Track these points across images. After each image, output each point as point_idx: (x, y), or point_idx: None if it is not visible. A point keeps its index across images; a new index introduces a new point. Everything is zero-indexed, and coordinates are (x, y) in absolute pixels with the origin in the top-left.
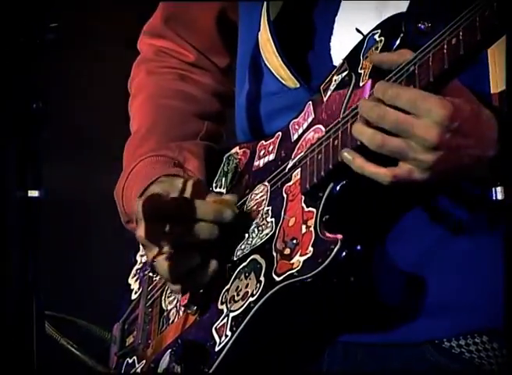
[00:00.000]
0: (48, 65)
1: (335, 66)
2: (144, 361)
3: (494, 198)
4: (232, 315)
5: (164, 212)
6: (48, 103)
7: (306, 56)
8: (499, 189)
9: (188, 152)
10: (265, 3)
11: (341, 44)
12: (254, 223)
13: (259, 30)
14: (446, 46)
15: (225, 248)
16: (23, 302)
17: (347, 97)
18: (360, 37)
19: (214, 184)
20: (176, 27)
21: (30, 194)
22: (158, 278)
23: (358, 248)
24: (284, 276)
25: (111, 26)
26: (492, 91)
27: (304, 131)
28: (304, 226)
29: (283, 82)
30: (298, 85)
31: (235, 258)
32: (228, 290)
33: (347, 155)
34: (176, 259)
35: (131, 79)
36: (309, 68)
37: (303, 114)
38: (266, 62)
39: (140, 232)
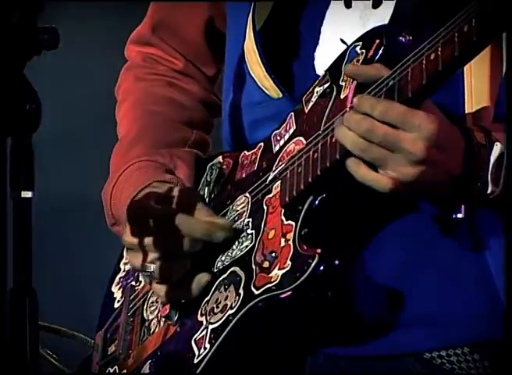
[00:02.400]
0: (41, 65)
1: (319, 77)
2: (125, 371)
3: (454, 216)
4: (211, 327)
5: (153, 221)
6: (40, 104)
7: (291, 66)
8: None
9: (179, 159)
10: (251, 13)
11: (325, 54)
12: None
13: (245, 39)
14: (424, 61)
15: (207, 258)
16: (16, 306)
17: (328, 109)
18: (345, 47)
19: None
20: (163, 35)
21: (23, 195)
22: (140, 287)
23: (336, 262)
24: (262, 289)
25: (103, 28)
26: (466, 104)
27: (286, 143)
28: (283, 240)
29: (266, 92)
30: (281, 95)
31: (215, 270)
32: (208, 301)
33: (352, 163)
34: (165, 266)
35: (118, 85)
36: (293, 78)
37: (284, 125)
38: (250, 72)
39: (127, 237)
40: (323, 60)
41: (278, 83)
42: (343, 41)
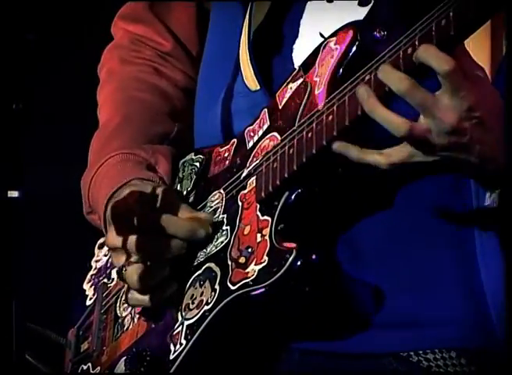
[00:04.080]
0: (29, 65)
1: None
2: (99, 368)
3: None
4: (187, 323)
5: (136, 222)
6: (28, 104)
7: (272, 58)
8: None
9: (160, 155)
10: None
11: (304, 47)
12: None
13: (244, 22)
14: (401, 55)
15: (182, 256)
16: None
17: (302, 105)
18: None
19: None
20: (159, 11)
21: (9, 195)
22: (112, 284)
23: (314, 257)
24: (239, 285)
25: (94, 28)
26: None
27: (260, 139)
28: (259, 235)
29: (246, 82)
30: (258, 87)
31: (190, 267)
32: (183, 298)
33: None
34: (146, 270)
35: (102, 64)
36: (272, 70)
37: (258, 121)
38: (240, 58)
39: (110, 238)
40: (301, 53)
41: (257, 73)
42: (322, 35)
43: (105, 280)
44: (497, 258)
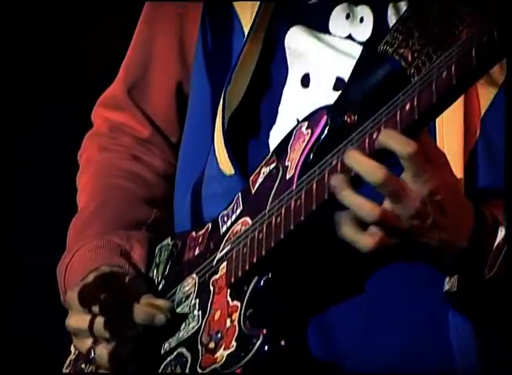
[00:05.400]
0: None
1: None
2: None
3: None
4: None
5: (98, 306)
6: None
7: (247, 143)
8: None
9: (136, 240)
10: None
11: (281, 133)
12: (182, 316)
13: (218, 103)
14: (367, 140)
15: (155, 341)
16: None
17: (274, 190)
18: None
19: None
20: (136, 97)
21: None
22: (90, 369)
23: (282, 343)
24: (208, 370)
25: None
26: None
27: (233, 223)
28: (228, 320)
29: (220, 167)
30: (233, 172)
31: (162, 351)
32: None
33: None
34: (115, 350)
35: (81, 151)
36: (248, 155)
37: (232, 205)
38: (215, 142)
39: (71, 321)
40: (278, 139)
41: (232, 158)
42: (298, 121)
43: (83, 366)
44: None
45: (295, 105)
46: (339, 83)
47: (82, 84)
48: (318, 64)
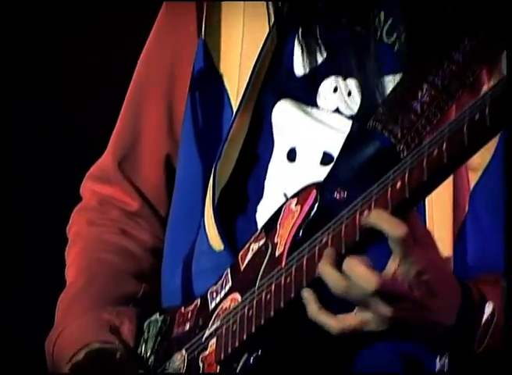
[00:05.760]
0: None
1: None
2: None
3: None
4: None
5: None
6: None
7: (236, 218)
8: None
9: (125, 316)
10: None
11: (268, 208)
12: None
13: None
14: (358, 217)
15: None
16: None
17: (263, 266)
18: None
19: None
20: (126, 170)
21: None
22: None
23: None
24: None
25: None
26: None
27: (222, 300)
28: None
29: (210, 242)
30: (222, 248)
31: None
32: None
33: (307, 295)
34: None
35: (70, 225)
36: (236, 231)
37: (221, 281)
38: (205, 217)
39: None
40: (265, 214)
41: (222, 233)
42: (286, 196)
43: None
44: None
45: (281, 180)
46: (326, 158)
47: (80, 86)
48: (305, 138)
